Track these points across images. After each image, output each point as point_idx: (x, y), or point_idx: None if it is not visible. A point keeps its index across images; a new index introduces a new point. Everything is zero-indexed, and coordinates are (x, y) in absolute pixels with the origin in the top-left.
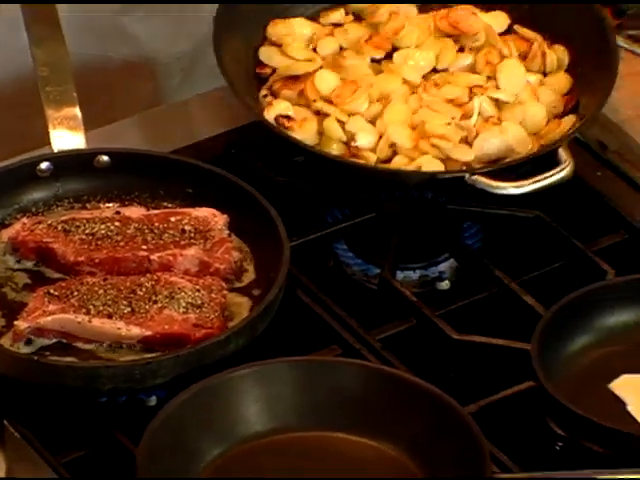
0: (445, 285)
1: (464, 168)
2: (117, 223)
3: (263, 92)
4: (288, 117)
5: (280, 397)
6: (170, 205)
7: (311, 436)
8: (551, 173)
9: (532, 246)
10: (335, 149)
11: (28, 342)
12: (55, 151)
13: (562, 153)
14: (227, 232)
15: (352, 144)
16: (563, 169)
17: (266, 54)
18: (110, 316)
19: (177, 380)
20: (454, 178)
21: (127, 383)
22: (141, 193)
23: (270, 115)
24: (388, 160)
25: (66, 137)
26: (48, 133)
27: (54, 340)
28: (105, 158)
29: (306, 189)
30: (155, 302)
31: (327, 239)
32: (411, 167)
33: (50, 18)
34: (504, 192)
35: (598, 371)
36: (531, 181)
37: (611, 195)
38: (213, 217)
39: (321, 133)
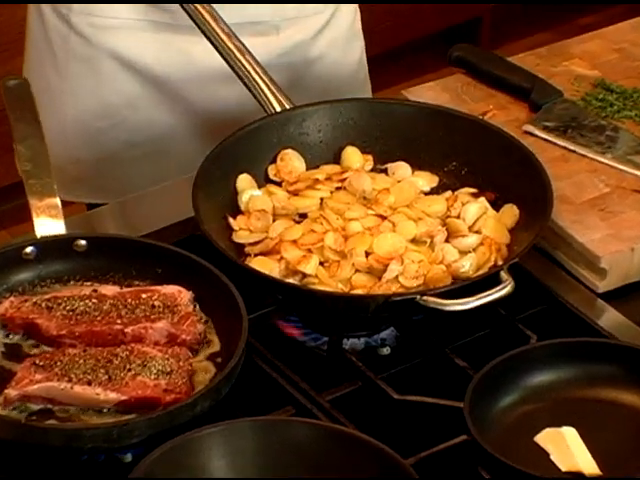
0: (386, 351)
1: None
2: (94, 300)
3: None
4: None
5: (242, 453)
6: (141, 283)
7: None
8: (493, 291)
9: (464, 315)
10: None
11: (18, 408)
12: (38, 237)
13: (503, 274)
14: (192, 307)
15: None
16: (504, 288)
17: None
18: (90, 383)
19: (150, 439)
20: (407, 300)
21: (106, 443)
22: (115, 273)
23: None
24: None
25: (48, 224)
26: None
27: (41, 405)
28: (83, 242)
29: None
30: (129, 370)
31: (281, 312)
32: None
33: (32, 119)
34: (453, 309)
35: (524, 425)
36: (475, 298)
37: (533, 270)
38: (179, 293)
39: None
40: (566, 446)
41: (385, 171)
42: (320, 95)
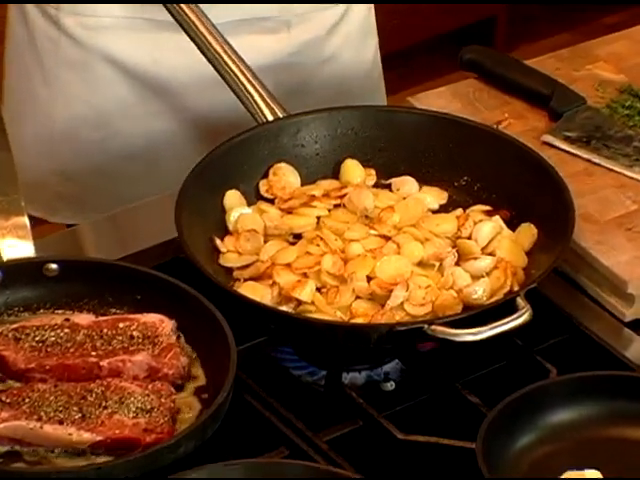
0: (390, 386)
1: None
2: (67, 330)
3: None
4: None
5: None
6: (118, 311)
7: None
8: (509, 320)
9: (476, 346)
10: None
11: None
12: (4, 260)
13: (520, 301)
14: (175, 337)
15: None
16: (521, 316)
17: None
18: (61, 422)
19: None
20: (413, 329)
21: None
22: (90, 300)
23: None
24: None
25: (15, 246)
26: None
27: (7, 447)
28: (54, 266)
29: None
30: (105, 407)
31: (274, 343)
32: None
33: None
34: (464, 340)
35: (543, 468)
36: (489, 327)
37: (553, 297)
38: (161, 323)
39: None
40: None
41: (389, 187)
42: (332, 96)
